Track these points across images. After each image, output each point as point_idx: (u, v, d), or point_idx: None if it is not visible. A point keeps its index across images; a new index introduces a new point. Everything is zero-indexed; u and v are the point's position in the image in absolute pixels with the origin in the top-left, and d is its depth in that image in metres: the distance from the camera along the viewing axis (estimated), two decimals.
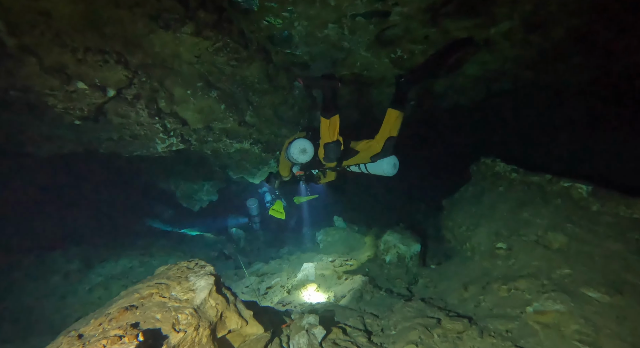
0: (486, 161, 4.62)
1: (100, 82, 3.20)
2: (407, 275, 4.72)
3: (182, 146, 4.57)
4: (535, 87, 5.25)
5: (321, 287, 4.77)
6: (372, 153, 4.15)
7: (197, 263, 2.76)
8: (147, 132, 3.99)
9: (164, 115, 4.02)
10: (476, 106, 6.05)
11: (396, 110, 3.86)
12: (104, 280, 6.18)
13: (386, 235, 5.02)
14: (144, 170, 8.03)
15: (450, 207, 5.16)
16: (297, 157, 4.30)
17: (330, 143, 3.97)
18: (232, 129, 5.07)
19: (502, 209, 4.03)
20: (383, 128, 3.97)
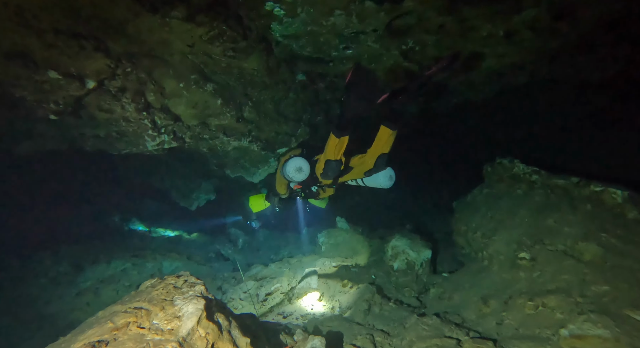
0: (503, 161, 4.25)
1: (76, 72, 2.80)
2: (417, 284, 4.36)
3: (175, 143, 4.18)
4: (552, 82, 4.87)
5: (325, 296, 4.40)
6: (365, 169, 4.23)
7: (186, 280, 2.39)
8: (135, 128, 3.59)
9: (154, 110, 3.63)
10: (486, 102, 5.67)
11: (389, 128, 3.82)
12: (94, 284, 5.81)
13: (394, 239, 4.64)
14: (138, 168, 7.65)
15: (462, 210, 4.79)
16: (292, 176, 4.34)
17: (332, 161, 3.96)
18: (229, 125, 4.68)
19: (523, 215, 3.66)
20: (375, 145, 3.97)
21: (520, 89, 5.09)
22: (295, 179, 4.43)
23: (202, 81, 4.02)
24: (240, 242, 8.29)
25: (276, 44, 4.17)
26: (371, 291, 4.04)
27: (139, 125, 3.53)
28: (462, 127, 7.26)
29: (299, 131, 5.55)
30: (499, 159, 4.40)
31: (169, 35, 3.19)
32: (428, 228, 6.50)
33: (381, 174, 4.28)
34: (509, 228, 3.67)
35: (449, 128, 7.22)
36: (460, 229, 4.46)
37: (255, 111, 4.94)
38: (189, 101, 4.03)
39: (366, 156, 4.14)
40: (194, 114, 4.23)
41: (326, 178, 4.26)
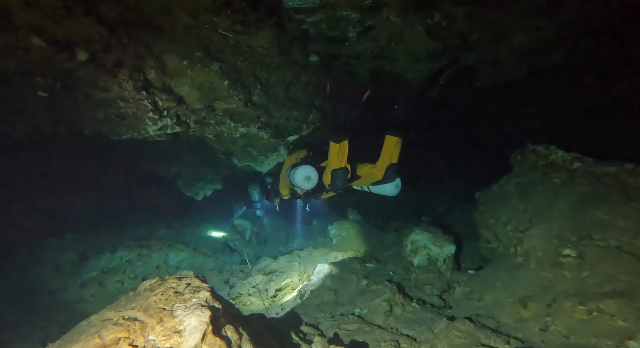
0: (537, 148, 3.82)
1: (64, 40, 2.40)
2: (440, 281, 3.97)
3: (179, 128, 3.79)
4: (591, 61, 4.39)
5: (340, 294, 4.02)
6: (374, 180, 4.15)
7: (189, 283, 2.01)
8: (135, 110, 3.20)
9: (154, 90, 3.23)
10: (512, 85, 5.21)
11: (394, 136, 3.82)
12: (99, 274, 5.49)
13: (414, 233, 4.25)
14: (144, 156, 7.27)
15: (486, 202, 4.38)
16: (301, 184, 4.21)
17: (338, 170, 3.91)
18: (237, 110, 4.29)
19: (563, 207, 3.25)
20: (383, 155, 3.95)
21: (552, 69, 4.63)
22: (303, 188, 4.30)
23: (208, 59, 3.62)
24: (248, 234, 7.93)
25: (288, 19, 3.75)
26: (391, 289, 3.65)
27: (139, 106, 3.14)
28: (481, 113, 6.80)
29: (310, 117, 5.14)
30: (531, 145, 3.98)
31: (171, 3, 2.77)
32: (444, 220, 6.09)
33: (388, 184, 4.16)
34: (547, 221, 3.26)
35: (467, 114, 6.76)
36: (487, 222, 4.05)
37: (265, 95, 4.54)
38: (193, 81, 3.63)
39: (375, 168, 4.07)
40: (199, 96, 3.83)
41: (335, 189, 4.22)
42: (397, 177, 4.15)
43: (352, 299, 3.87)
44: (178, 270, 6.00)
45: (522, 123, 6.70)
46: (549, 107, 5.90)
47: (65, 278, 5.21)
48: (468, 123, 7.59)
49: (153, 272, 5.75)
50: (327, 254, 5.48)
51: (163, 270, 5.85)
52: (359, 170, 4.31)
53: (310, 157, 4.61)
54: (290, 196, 5.21)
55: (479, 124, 7.51)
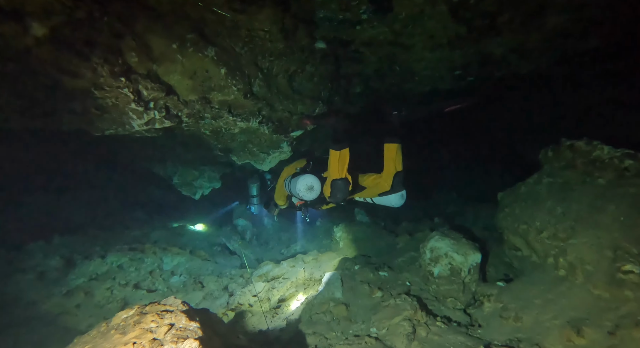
0: (577, 143, 3.32)
1: (10, 7, 1.89)
2: (464, 294, 3.49)
3: (169, 122, 3.28)
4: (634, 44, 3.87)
5: (352, 309, 3.54)
6: (381, 190, 4.02)
7: (172, 324, 1.51)
8: (114, 101, 2.69)
9: (137, 77, 2.71)
10: (538, 74, 4.71)
11: (392, 143, 3.77)
12: (87, 281, 4.98)
13: (433, 240, 3.75)
14: (138, 153, 6.76)
15: (513, 203, 3.89)
16: (303, 195, 4.03)
17: (338, 180, 3.79)
18: (235, 102, 3.78)
19: (614, 212, 2.76)
20: (387, 164, 3.85)
21: (583, 56, 4.12)
22: (305, 198, 4.11)
23: (202, 42, 3.11)
24: (248, 234, 7.44)
25: None
26: (412, 305, 3.16)
27: (118, 96, 2.62)
28: (495, 106, 6.29)
29: (316, 110, 4.63)
30: (567, 140, 3.48)
31: None
32: (458, 222, 5.60)
33: (393, 195, 4.00)
34: (595, 228, 2.77)
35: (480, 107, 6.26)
36: (516, 226, 3.56)
37: (267, 86, 4.03)
38: (185, 68, 3.12)
39: (381, 178, 3.95)
40: (192, 86, 3.32)
41: (335, 201, 4.01)
42: (404, 187, 3.98)
43: (367, 315, 3.39)
44: (173, 275, 5.50)
45: (542, 117, 6.19)
46: (575, 100, 5.39)
47: (49, 286, 4.71)
48: (480, 117, 7.09)
49: (146, 278, 5.25)
50: (333, 259, 4.98)
51: (157, 276, 5.36)
52: (363, 181, 4.18)
53: (311, 166, 4.39)
54: (288, 206, 4.90)
55: (491, 118, 7.01)
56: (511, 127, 6.84)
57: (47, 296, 4.60)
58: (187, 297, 5.09)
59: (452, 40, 3.92)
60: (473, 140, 7.31)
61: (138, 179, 7.91)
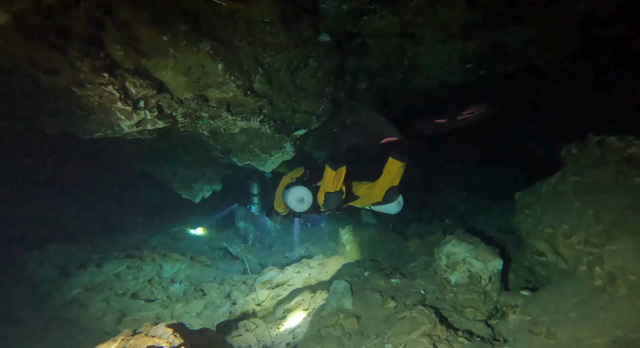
0: (609, 139, 3.02)
1: None
2: (486, 304, 3.18)
3: (162, 123, 2.98)
4: None
5: (364, 321, 3.24)
6: (373, 201, 4.04)
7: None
8: (98, 100, 2.39)
9: (124, 72, 2.41)
10: (553, 67, 4.40)
11: (398, 161, 3.65)
12: (82, 292, 4.69)
13: (449, 244, 3.45)
14: (136, 156, 6.46)
15: (534, 204, 3.60)
16: (294, 206, 4.05)
17: (332, 194, 3.78)
18: (235, 100, 3.49)
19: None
20: (384, 177, 3.81)
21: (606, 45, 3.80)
22: (296, 210, 4.11)
23: (196, 35, 2.81)
24: (251, 238, 7.14)
25: None
26: (430, 318, 2.86)
27: (101, 94, 2.33)
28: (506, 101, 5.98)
29: (320, 108, 4.34)
30: (595, 136, 3.17)
31: None
32: (470, 223, 5.30)
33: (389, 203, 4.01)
34: (636, 233, 2.46)
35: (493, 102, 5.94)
36: (541, 230, 3.26)
37: (268, 82, 3.74)
38: (178, 63, 2.82)
39: (374, 188, 3.94)
40: (187, 83, 3.02)
41: (328, 210, 4.05)
42: (398, 197, 3.99)
43: (380, 328, 3.08)
44: (173, 283, 5.21)
45: (555, 113, 5.87)
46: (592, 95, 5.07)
47: (42, 299, 4.42)
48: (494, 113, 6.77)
49: (144, 287, 4.97)
50: (340, 264, 4.69)
51: (156, 285, 5.07)
52: (357, 190, 4.16)
53: (307, 175, 4.38)
54: (289, 213, 4.82)
55: (500, 115, 6.69)
56: (521, 124, 6.52)
57: (39, 310, 4.32)
58: (187, 306, 4.81)
59: (466, 29, 3.62)
60: (482, 137, 6.99)
61: (136, 182, 7.62)
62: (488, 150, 7.10)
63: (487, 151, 7.12)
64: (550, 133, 6.09)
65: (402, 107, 6.39)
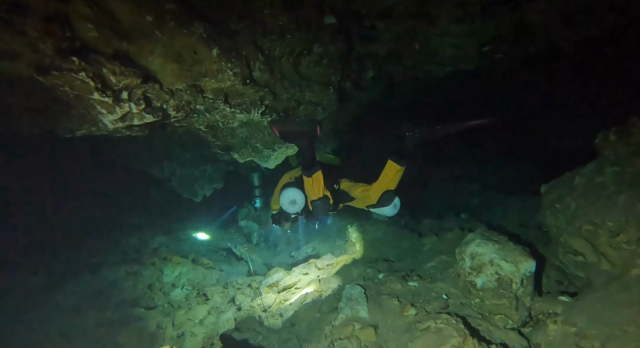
0: None
1: None
2: (518, 311, 2.81)
3: (151, 117, 2.60)
4: None
5: (382, 332, 2.88)
6: (368, 203, 3.99)
7: None
8: (69, 90, 2.01)
9: (100, 57, 2.03)
10: (576, 50, 4.00)
11: (397, 164, 3.61)
12: (75, 302, 4.33)
13: (474, 244, 3.07)
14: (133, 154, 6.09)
15: (565, 197, 3.23)
16: (286, 208, 4.05)
17: (317, 201, 3.79)
18: (232, 90, 3.11)
19: None
20: (380, 180, 3.77)
21: None
22: (289, 212, 4.09)
23: (186, 16, 2.42)
24: (255, 237, 6.78)
25: None
26: (458, 330, 2.50)
27: (73, 83, 1.94)
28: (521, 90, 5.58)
29: (326, 98, 3.95)
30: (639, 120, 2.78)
31: None
32: (487, 218, 4.92)
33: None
34: None
35: (508, 89, 5.54)
36: (579, 227, 2.88)
37: (269, 71, 3.35)
38: (167, 48, 2.43)
39: (370, 191, 3.90)
40: (178, 71, 2.64)
41: (319, 215, 4.11)
42: (393, 201, 3.88)
43: (401, 340, 2.72)
44: (175, 287, 4.86)
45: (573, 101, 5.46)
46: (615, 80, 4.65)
47: (33, 309, 4.08)
48: (500, 102, 6.37)
49: (144, 294, 4.61)
50: (351, 264, 4.32)
51: (156, 290, 4.72)
52: (352, 191, 4.15)
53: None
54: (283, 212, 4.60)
55: (513, 103, 6.29)
56: (536, 113, 6.12)
57: (31, 323, 3.97)
58: (189, 313, 4.47)
59: (487, 6, 3.22)
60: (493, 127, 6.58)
61: (136, 181, 7.26)
62: (500, 140, 6.70)
63: (499, 142, 6.72)
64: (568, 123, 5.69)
65: (410, 98, 6.01)
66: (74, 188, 6.40)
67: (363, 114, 5.50)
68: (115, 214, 6.94)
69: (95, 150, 6.00)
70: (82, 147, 5.58)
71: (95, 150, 6.00)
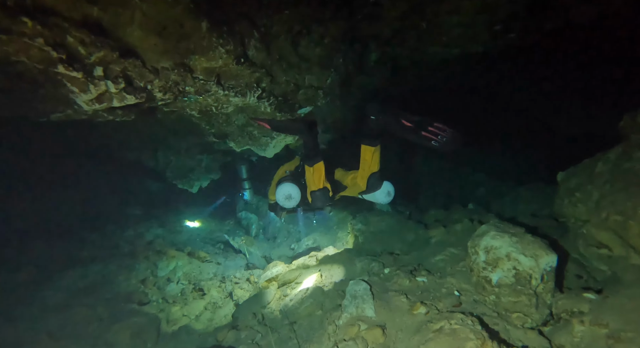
0: None
1: None
2: (538, 309, 2.54)
3: (133, 98, 2.29)
4: None
5: (390, 333, 2.61)
6: (359, 190, 3.94)
7: None
8: (29, 62, 1.70)
9: (62, 22, 1.71)
10: (605, 21, 3.67)
11: (370, 146, 3.49)
12: (64, 298, 4.06)
13: (488, 236, 2.80)
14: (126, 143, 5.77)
15: (585, 185, 2.95)
16: (282, 203, 3.96)
17: (317, 192, 3.78)
18: (225, 70, 2.79)
19: None
20: (362, 166, 3.68)
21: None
22: (285, 207, 4.00)
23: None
24: (254, 229, 6.50)
25: None
26: (476, 332, 2.23)
27: (29, 52, 1.63)
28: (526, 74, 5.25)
29: (328, 81, 3.64)
30: None
31: None
32: (493, 208, 4.64)
33: (377, 192, 3.79)
34: None
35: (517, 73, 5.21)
36: (606, 218, 2.61)
37: (265, 50, 3.03)
38: (147, 19, 2.12)
39: (358, 178, 3.82)
40: (163, 46, 2.32)
41: (317, 207, 4.07)
42: (381, 184, 3.76)
43: (412, 342, 2.45)
44: (170, 282, 4.59)
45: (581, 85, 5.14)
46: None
47: (19, 305, 3.80)
48: (505, 86, 6.05)
49: (137, 289, 4.35)
50: (354, 258, 4.04)
51: (150, 285, 4.45)
52: (344, 180, 4.09)
53: (301, 167, 4.14)
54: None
55: (517, 87, 5.97)
56: (542, 98, 5.80)
57: (16, 320, 3.70)
58: (185, 309, 4.21)
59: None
60: (498, 113, 6.27)
61: (132, 172, 6.96)
62: (505, 126, 6.39)
63: (504, 128, 6.40)
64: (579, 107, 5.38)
65: (413, 83, 5.68)
66: (64, 179, 6.11)
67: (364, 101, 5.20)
68: (109, 206, 6.65)
69: (86, 139, 5.68)
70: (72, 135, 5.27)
71: (86, 139, 5.68)
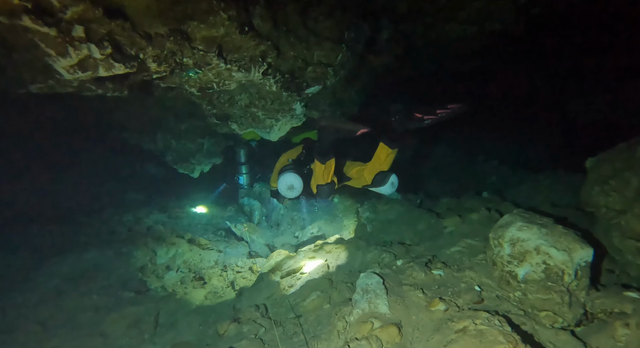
0: None
1: None
2: (571, 308, 2.28)
3: (122, 67, 1.99)
4: None
5: (406, 331, 2.35)
6: (363, 184, 3.99)
7: None
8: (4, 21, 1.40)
9: None
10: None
11: (388, 147, 3.49)
12: (57, 285, 3.83)
13: (514, 228, 2.52)
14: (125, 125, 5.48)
15: (621, 173, 2.68)
16: (284, 193, 3.94)
17: (324, 186, 3.76)
18: (228, 40, 2.49)
19: None
20: (373, 162, 3.73)
21: None
22: (287, 197, 4.00)
23: None
24: (256, 215, 6.24)
25: None
26: (506, 334, 1.96)
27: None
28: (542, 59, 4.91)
29: (339, 57, 3.32)
30: None
31: None
32: (508, 196, 4.35)
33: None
34: None
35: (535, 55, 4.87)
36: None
37: (272, 20, 2.71)
38: None
39: (365, 171, 3.86)
40: (156, 8, 2.01)
41: (321, 198, 4.02)
42: (386, 182, 3.80)
43: (431, 343, 2.20)
44: (169, 270, 4.36)
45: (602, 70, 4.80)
46: None
47: (8, 293, 3.57)
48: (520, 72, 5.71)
49: (135, 277, 4.11)
50: (363, 248, 3.79)
51: (149, 273, 4.22)
52: (349, 171, 4.12)
53: (304, 156, 4.23)
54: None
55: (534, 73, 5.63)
56: (561, 84, 5.47)
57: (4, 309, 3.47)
58: (185, 298, 3.97)
59: None
60: (513, 98, 5.94)
61: (134, 156, 6.69)
62: (518, 112, 6.07)
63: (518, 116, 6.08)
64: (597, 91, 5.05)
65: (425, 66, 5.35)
66: (59, 161, 5.86)
67: (373, 82, 4.88)
68: (108, 190, 6.40)
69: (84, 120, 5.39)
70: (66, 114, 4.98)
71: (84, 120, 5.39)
